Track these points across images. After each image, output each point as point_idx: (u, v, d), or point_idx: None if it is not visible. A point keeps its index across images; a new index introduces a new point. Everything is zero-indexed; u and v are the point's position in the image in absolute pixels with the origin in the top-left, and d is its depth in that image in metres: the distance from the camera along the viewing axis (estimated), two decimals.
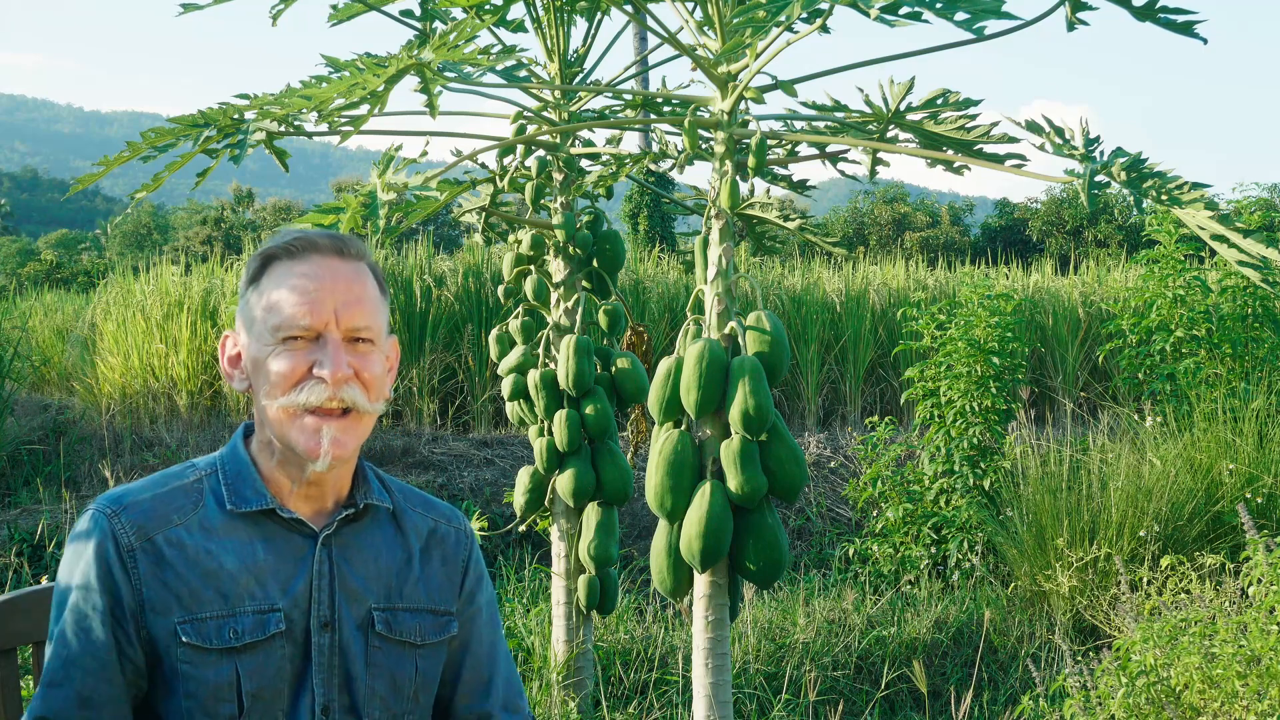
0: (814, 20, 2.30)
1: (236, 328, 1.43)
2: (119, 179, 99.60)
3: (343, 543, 1.42)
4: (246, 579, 1.35)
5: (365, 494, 1.45)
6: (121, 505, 1.34)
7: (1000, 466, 5.12)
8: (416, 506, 1.53)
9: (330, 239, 1.40)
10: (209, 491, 1.39)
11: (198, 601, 1.32)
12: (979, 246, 24.50)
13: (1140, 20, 2.22)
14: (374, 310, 1.40)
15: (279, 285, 1.37)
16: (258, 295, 1.38)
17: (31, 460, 6.68)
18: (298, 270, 1.37)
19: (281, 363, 1.35)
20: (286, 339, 1.35)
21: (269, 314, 1.36)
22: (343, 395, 1.35)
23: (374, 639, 1.41)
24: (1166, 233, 5.98)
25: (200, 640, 1.31)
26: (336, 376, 1.34)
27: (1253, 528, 3.05)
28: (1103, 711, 2.86)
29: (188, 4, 2.80)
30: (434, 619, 1.48)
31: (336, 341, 1.36)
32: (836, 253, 3.84)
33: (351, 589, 1.41)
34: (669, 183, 15.01)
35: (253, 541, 1.37)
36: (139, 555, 1.32)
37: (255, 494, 1.38)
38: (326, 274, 1.37)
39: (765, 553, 2.54)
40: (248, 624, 1.33)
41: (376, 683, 1.41)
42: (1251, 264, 2.09)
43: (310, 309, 1.35)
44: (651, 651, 3.91)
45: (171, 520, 1.35)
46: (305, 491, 1.41)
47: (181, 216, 31.90)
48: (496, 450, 6.97)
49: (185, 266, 9.29)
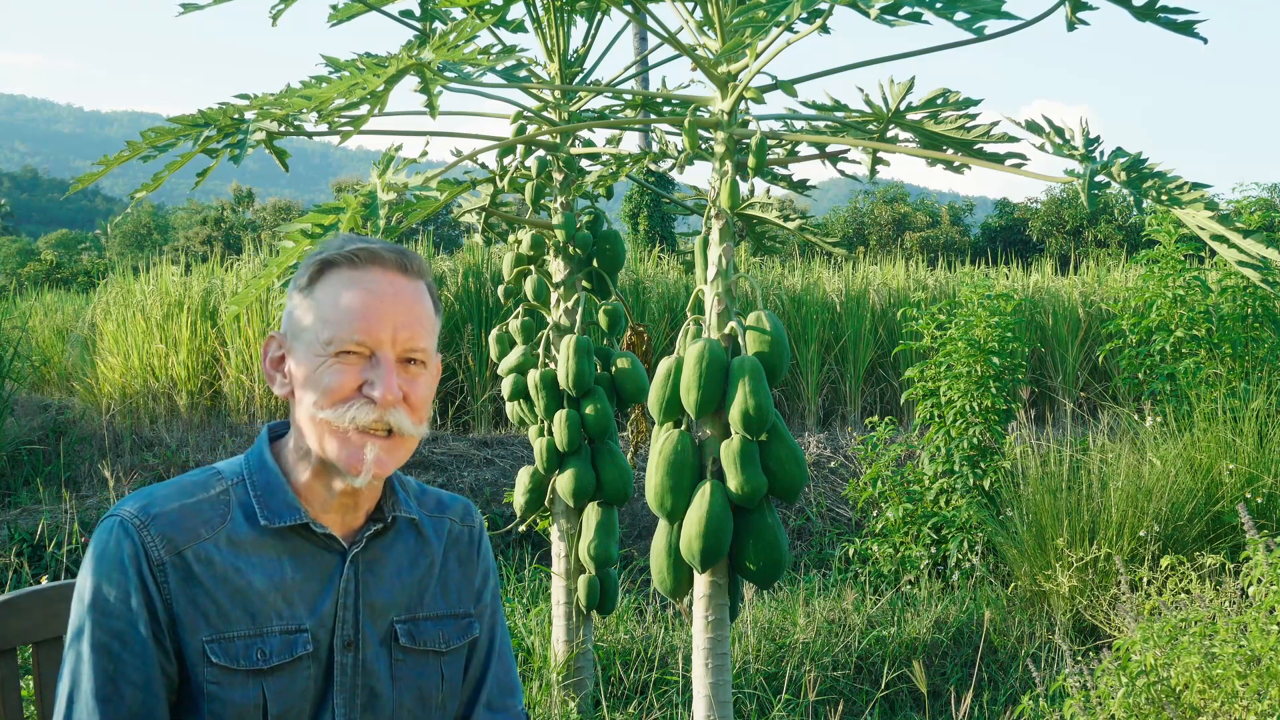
0: (814, 20, 2.30)
1: (283, 330, 1.37)
2: (119, 179, 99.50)
3: (370, 558, 1.39)
4: (274, 598, 1.32)
5: (394, 506, 1.42)
6: (150, 516, 1.29)
7: (1000, 466, 5.12)
8: (432, 510, 1.49)
9: (394, 253, 1.34)
10: (236, 504, 1.34)
11: (226, 621, 1.29)
12: (979, 246, 24.51)
13: (1140, 20, 2.22)
14: (430, 331, 1.35)
15: (336, 295, 1.31)
16: (312, 301, 1.33)
17: (31, 460, 6.68)
18: (358, 282, 1.31)
19: (332, 377, 1.29)
20: (340, 353, 1.29)
21: (323, 325, 1.30)
22: (389, 419, 1.30)
23: (398, 652, 1.39)
24: (1166, 233, 5.98)
25: (228, 661, 1.28)
26: (386, 399, 1.29)
27: (1253, 528, 3.05)
28: (1103, 711, 2.86)
29: (188, 4, 2.80)
30: (455, 623, 1.46)
31: (391, 362, 1.30)
32: (836, 253, 3.84)
33: (376, 606, 1.38)
34: (669, 183, 15.01)
35: (280, 559, 1.33)
36: (169, 570, 1.28)
37: (288, 508, 1.34)
38: (388, 290, 1.32)
39: (765, 553, 2.54)
40: (275, 645, 1.30)
41: (404, 696, 1.39)
42: (1251, 264, 2.09)
43: (368, 325, 1.29)
44: (651, 651, 3.91)
45: (200, 534, 1.30)
46: (340, 502, 1.37)
47: (181, 216, 31.92)
48: (496, 450, 6.97)
49: (185, 266, 9.29)
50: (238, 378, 7.81)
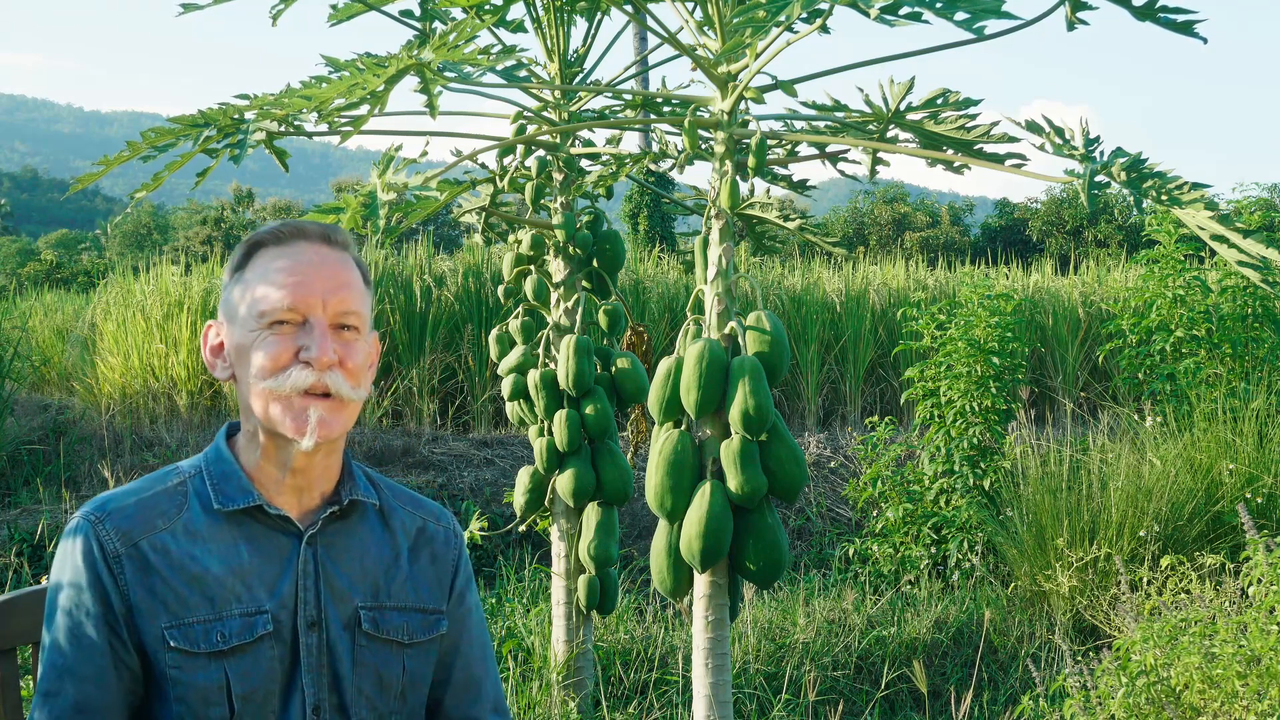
0: (814, 20, 2.30)
1: (219, 317, 1.41)
2: (119, 179, 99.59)
3: (328, 541, 1.41)
4: (232, 582, 1.34)
5: (351, 490, 1.44)
6: (105, 512, 1.33)
7: (1000, 466, 5.12)
8: (405, 504, 1.51)
9: (318, 227, 1.39)
10: (193, 494, 1.37)
11: (184, 607, 1.31)
12: (979, 246, 24.51)
13: (1140, 20, 2.22)
14: (360, 298, 1.39)
15: (265, 271, 1.35)
16: (242, 284, 1.37)
17: (31, 460, 6.68)
18: (284, 256, 1.36)
19: (268, 348, 1.33)
20: (272, 324, 1.33)
21: (255, 301, 1.34)
22: (327, 381, 1.33)
23: (361, 638, 1.40)
24: (1166, 233, 5.98)
25: (188, 645, 1.30)
26: (323, 361, 1.32)
27: (1253, 528, 3.05)
28: (1103, 711, 2.86)
29: (188, 4, 2.80)
30: (422, 618, 1.46)
31: (323, 326, 1.34)
32: (836, 253, 3.84)
33: (337, 588, 1.40)
34: (669, 183, 15.01)
35: (237, 543, 1.36)
36: (124, 561, 1.31)
37: (241, 491, 1.37)
38: (315, 259, 1.36)
39: (765, 553, 2.54)
40: (235, 627, 1.32)
41: (363, 682, 1.40)
42: (1251, 264, 2.09)
43: (297, 293, 1.33)
44: (651, 651, 3.91)
45: (156, 525, 1.34)
46: (292, 482, 1.39)
47: (181, 216, 31.90)
48: (496, 450, 6.97)
49: (185, 266, 9.29)
50: None
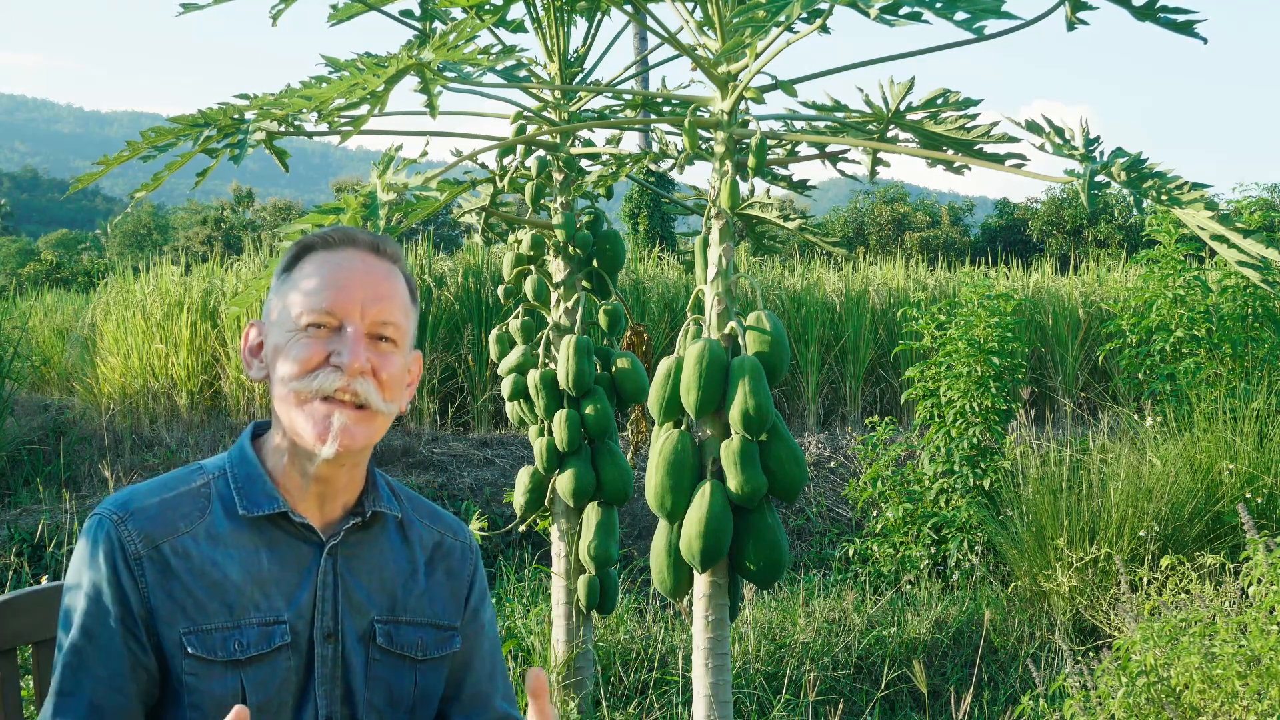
0: (814, 20, 2.30)
1: (263, 317, 1.40)
2: (119, 179, 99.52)
3: (349, 552, 1.39)
4: (251, 589, 1.32)
5: (374, 501, 1.42)
6: (128, 511, 1.31)
7: (1000, 466, 5.12)
8: (424, 517, 1.49)
9: (369, 235, 1.37)
10: (216, 497, 1.35)
11: (203, 613, 1.30)
12: (979, 246, 24.50)
13: (1140, 20, 2.22)
14: (401, 311, 1.37)
15: (308, 275, 1.34)
16: (288, 285, 1.36)
17: (31, 460, 6.68)
18: (330, 261, 1.34)
19: (300, 349, 1.31)
20: (308, 325, 1.31)
21: (294, 303, 1.33)
22: (356, 388, 1.30)
23: (374, 651, 1.39)
24: (1166, 233, 5.98)
25: (205, 652, 1.29)
26: (353, 367, 1.29)
27: (1253, 528, 3.05)
28: (1103, 711, 2.86)
29: (188, 4, 2.80)
30: (436, 633, 1.45)
31: (359, 333, 1.32)
32: (836, 253, 3.84)
33: (355, 600, 1.38)
34: (669, 183, 15.00)
35: (258, 550, 1.34)
36: (145, 564, 1.29)
37: (267, 497, 1.35)
38: (359, 266, 1.34)
39: (765, 553, 2.54)
40: (253, 636, 1.31)
41: (374, 695, 1.39)
42: (1251, 264, 2.09)
43: (335, 297, 1.32)
44: (651, 651, 3.91)
45: (178, 528, 1.32)
46: (316, 490, 1.37)
47: (181, 216, 31.91)
48: (496, 450, 6.96)
49: (185, 266, 9.30)
50: (238, 378, 7.81)
